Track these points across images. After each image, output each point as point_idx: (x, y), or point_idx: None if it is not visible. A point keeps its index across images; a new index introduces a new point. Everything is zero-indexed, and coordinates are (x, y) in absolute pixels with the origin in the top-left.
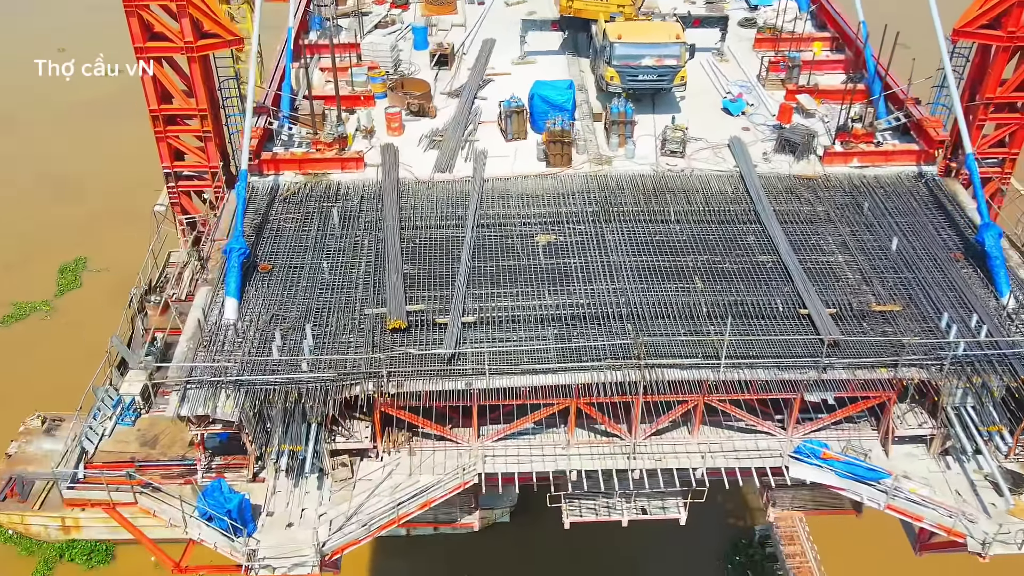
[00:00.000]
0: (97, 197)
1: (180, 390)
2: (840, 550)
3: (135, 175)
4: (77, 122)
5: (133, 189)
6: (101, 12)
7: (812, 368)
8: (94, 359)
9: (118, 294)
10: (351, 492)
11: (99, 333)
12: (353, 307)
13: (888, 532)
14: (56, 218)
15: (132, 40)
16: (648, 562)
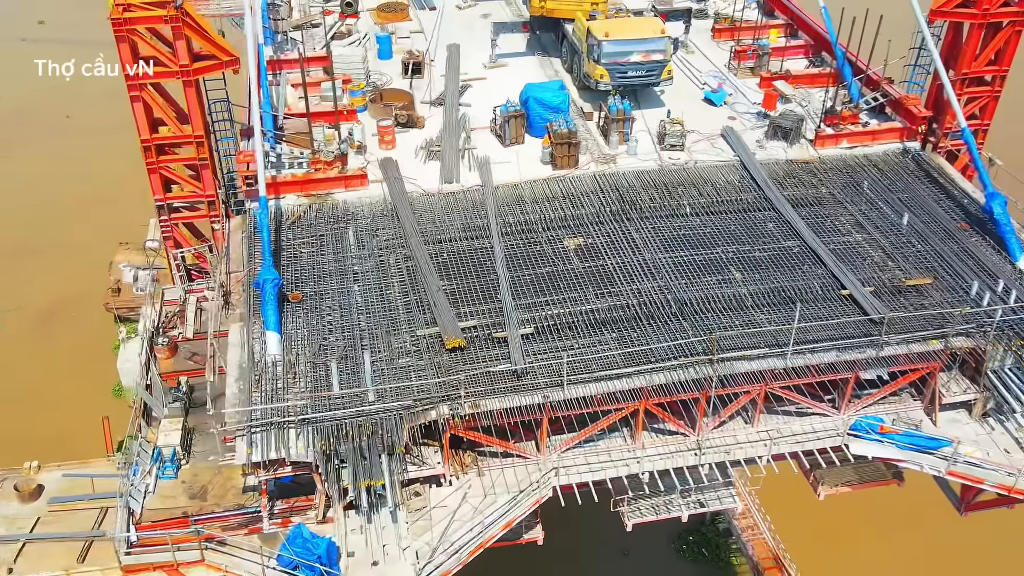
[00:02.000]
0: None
1: (246, 435)
2: (792, 520)
3: (31, 202)
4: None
5: (32, 217)
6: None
7: (871, 346)
8: (32, 402)
9: (41, 331)
10: (429, 521)
11: (32, 373)
12: (400, 330)
13: (838, 500)
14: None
15: (122, 67)
16: (599, 546)
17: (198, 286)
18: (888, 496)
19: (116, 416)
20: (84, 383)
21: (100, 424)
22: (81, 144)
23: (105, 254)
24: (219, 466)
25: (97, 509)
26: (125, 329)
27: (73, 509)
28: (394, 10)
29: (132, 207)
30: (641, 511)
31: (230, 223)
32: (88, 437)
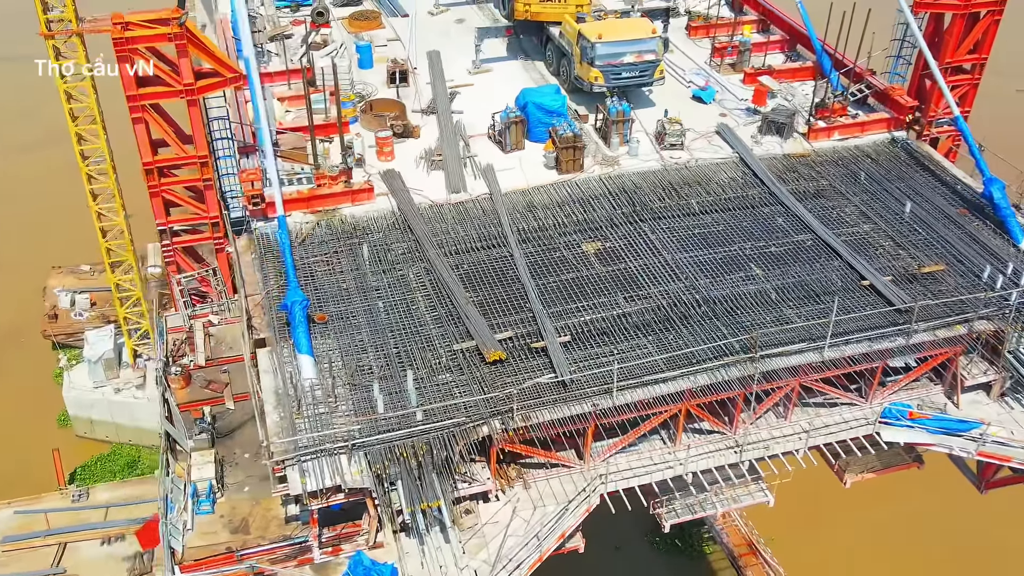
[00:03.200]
0: None
1: (296, 464)
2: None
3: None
4: None
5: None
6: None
7: (901, 335)
8: None
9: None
10: (483, 538)
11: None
12: (435, 345)
13: (806, 483)
14: None
15: (124, 88)
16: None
17: (202, 311)
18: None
19: (65, 447)
20: (25, 414)
21: (48, 456)
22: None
23: (36, 279)
24: (257, 497)
25: (55, 545)
26: (66, 356)
27: (29, 547)
28: (367, 18)
29: (62, 229)
30: (677, 511)
31: (237, 244)
32: (36, 470)
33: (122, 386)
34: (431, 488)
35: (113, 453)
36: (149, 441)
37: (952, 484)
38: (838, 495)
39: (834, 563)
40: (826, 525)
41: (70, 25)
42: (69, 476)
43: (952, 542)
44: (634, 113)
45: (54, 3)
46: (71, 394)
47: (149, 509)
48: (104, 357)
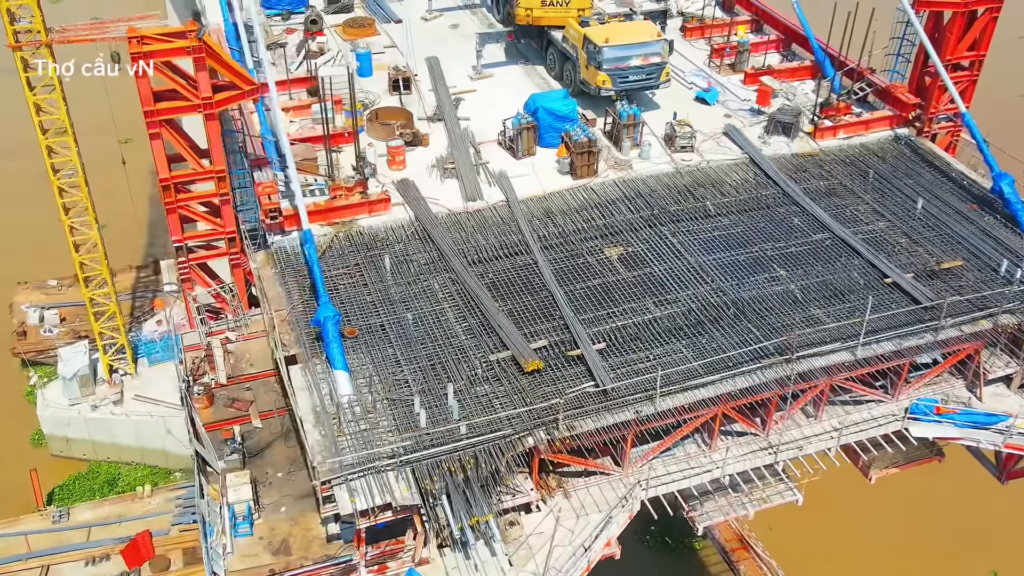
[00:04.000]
0: None
1: (343, 483)
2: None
3: None
4: None
5: None
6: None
7: (929, 331)
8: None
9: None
10: (530, 550)
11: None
12: (470, 356)
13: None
14: None
15: (142, 103)
16: None
17: (219, 327)
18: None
19: (40, 466)
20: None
21: (22, 477)
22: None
23: (2, 295)
24: (295, 517)
25: (37, 568)
26: (37, 374)
27: (10, 572)
28: (361, 25)
29: (25, 243)
30: (709, 514)
31: (257, 259)
32: (12, 492)
33: (99, 403)
34: (478, 502)
35: (91, 471)
36: (128, 458)
37: (949, 472)
38: (829, 486)
39: (826, 553)
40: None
41: (39, 36)
42: (47, 496)
43: (944, 528)
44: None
45: (21, 14)
46: (46, 412)
47: (133, 527)
48: (79, 374)
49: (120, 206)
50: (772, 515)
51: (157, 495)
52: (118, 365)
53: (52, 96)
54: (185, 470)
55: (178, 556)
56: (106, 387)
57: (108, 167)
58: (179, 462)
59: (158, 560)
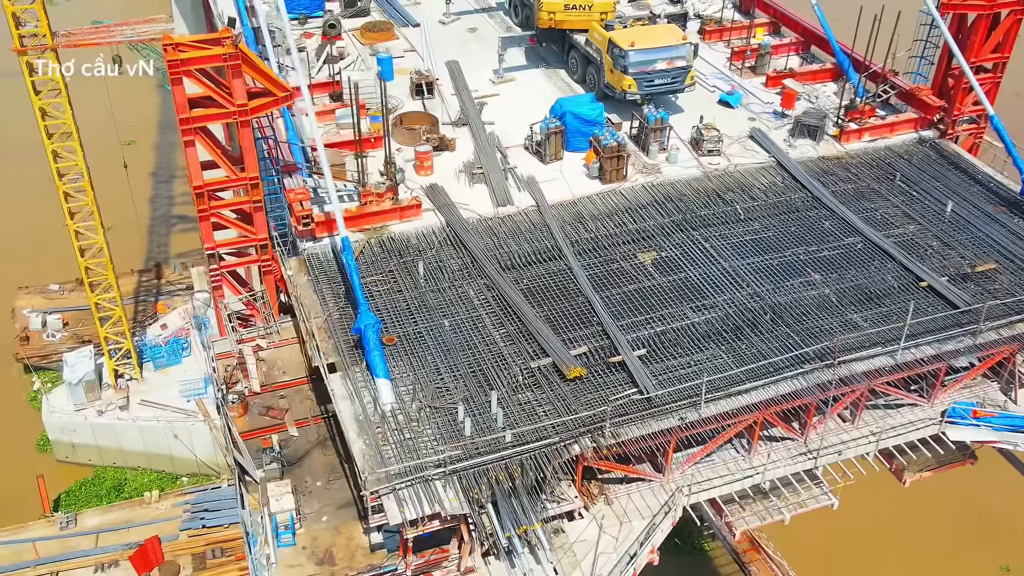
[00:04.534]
0: None
1: (391, 493)
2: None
3: None
4: None
5: None
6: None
7: (968, 335)
8: None
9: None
10: (575, 558)
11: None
12: (510, 363)
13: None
14: None
15: (177, 111)
16: None
17: (249, 335)
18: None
19: (45, 472)
20: (1, 440)
21: (27, 483)
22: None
23: (3, 300)
24: (337, 526)
25: (46, 575)
26: (40, 379)
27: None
28: (380, 29)
29: (24, 247)
30: (746, 519)
31: (291, 266)
32: (17, 498)
33: (105, 408)
34: (526, 510)
35: (97, 477)
36: (134, 463)
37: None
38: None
39: (836, 552)
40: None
41: (44, 40)
42: (53, 502)
43: (953, 523)
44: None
45: (27, 18)
46: (51, 418)
47: (141, 533)
48: (85, 379)
49: (121, 209)
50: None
51: (165, 500)
52: (124, 370)
53: (57, 100)
54: (192, 475)
55: (187, 561)
56: (112, 392)
57: (108, 169)
58: (186, 467)
59: (167, 566)
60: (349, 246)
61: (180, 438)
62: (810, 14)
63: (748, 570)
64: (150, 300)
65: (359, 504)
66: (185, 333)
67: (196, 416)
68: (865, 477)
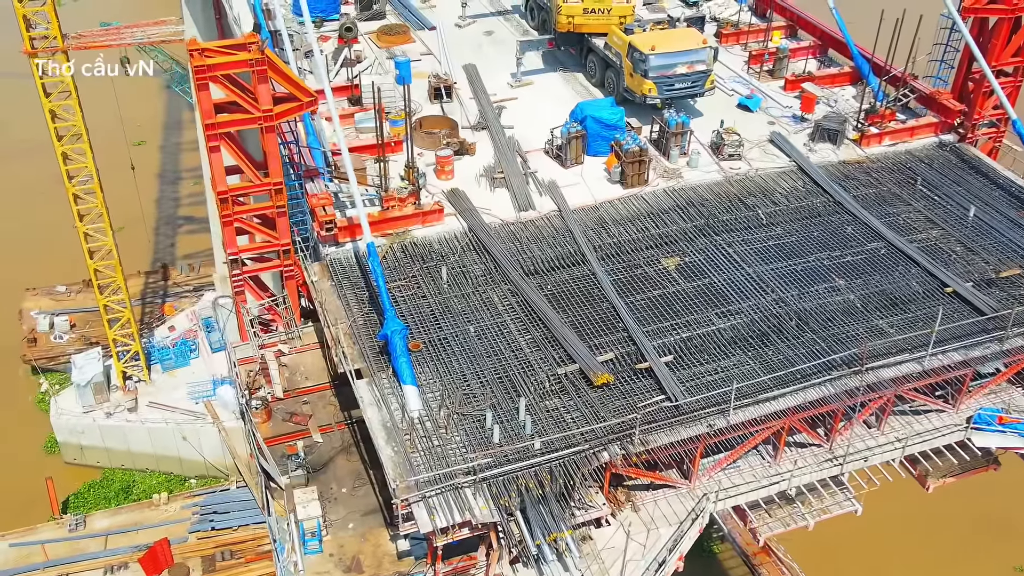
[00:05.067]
0: None
1: (422, 501)
2: None
3: None
4: None
5: None
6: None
7: (995, 341)
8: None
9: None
10: (603, 564)
11: None
12: (536, 370)
13: None
14: None
15: (202, 116)
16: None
17: (270, 340)
18: None
19: (54, 474)
20: (9, 442)
21: (36, 485)
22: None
23: (10, 302)
24: (364, 533)
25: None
26: (48, 380)
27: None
28: (396, 33)
29: (31, 248)
30: (770, 525)
31: (310, 271)
32: (25, 500)
33: (113, 410)
34: (554, 517)
35: (105, 479)
36: (143, 465)
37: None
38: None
39: (848, 554)
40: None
41: (55, 42)
42: (62, 505)
43: (966, 525)
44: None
45: (37, 20)
46: (60, 420)
47: (150, 535)
48: (93, 381)
49: (128, 210)
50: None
51: (174, 502)
52: (132, 372)
53: (68, 103)
54: (201, 477)
55: (197, 564)
56: (120, 394)
57: (114, 171)
58: (194, 469)
59: (177, 568)
60: (375, 251)
61: (189, 440)
62: (827, 17)
63: (758, 572)
64: (157, 302)
65: (385, 511)
66: (193, 335)
67: (204, 418)
68: (883, 481)
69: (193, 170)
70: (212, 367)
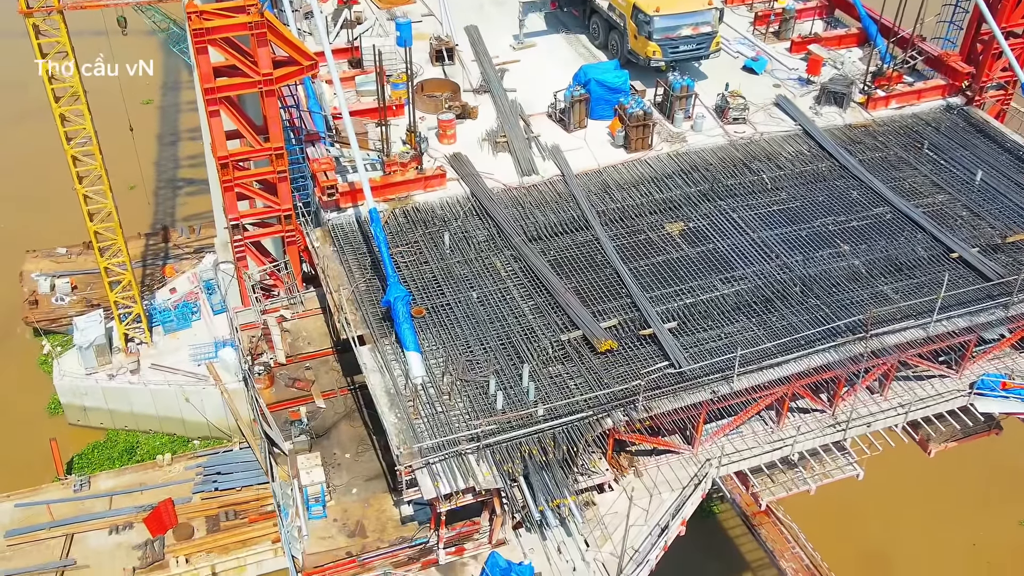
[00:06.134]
0: None
1: (423, 467)
2: None
3: None
4: None
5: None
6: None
7: (1001, 307)
8: None
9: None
10: (606, 530)
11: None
12: (539, 336)
13: None
14: None
15: (201, 80)
16: None
17: (272, 305)
18: None
19: (58, 435)
20: (12, 404)
21: (40, 446)
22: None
23: (11, 264)
24: (367, 498)
25: (61, 537)
26: (50, 343)
27: (34, 540)
28: None
29: (30, 211)
30: (772, 490)
31: (312, 237)
32: (30, 461)
33: (116, 372)
34: (559, 483)
35: (109, 440)
36: (146, 426)
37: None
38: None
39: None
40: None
41: (51, 2)
42: (66, 466)
43: (969, 482)
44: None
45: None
46: (63, 381)
47: (154, 496)
48: (95, 343)
49: (127, 172)
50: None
51: (177, 463)
52: (134, 334)
53: (65, 63)
54: (204, 438)
55: (201, 524)
56: (122, 356)
57: (114, 133)
58: (197, 430)
59: (181, 528)
60: (377, 217)
61: (191, 402)
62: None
63: (757, 532)
64: (158, 264)
65: (389, 476)
66: (194, 297)
67: (207, 380)
68: (885, 447)
69: (192, 131)
70: (214, 329)
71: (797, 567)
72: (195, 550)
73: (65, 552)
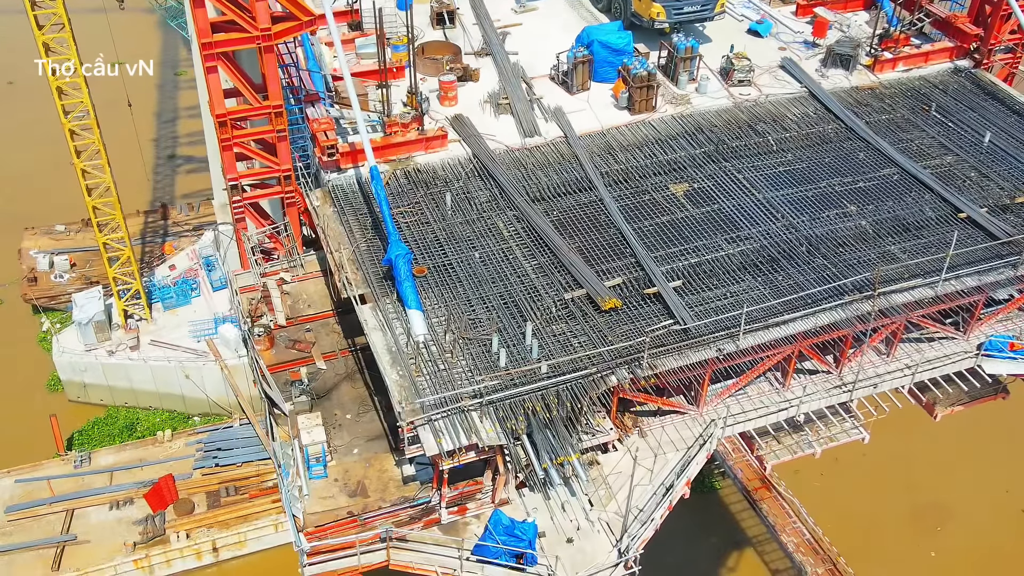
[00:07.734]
0: None
1: (427, 424)
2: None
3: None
4: None
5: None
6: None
7: (1009, 267)
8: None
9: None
10: (610, 490)
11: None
12: (542, 295)
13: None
14: None
15: (198, 35)
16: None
17: (272, 268)
18: None
19: (58, 412)
20: (12, 380)
21: (40, 422)
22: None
23: (9, 241)
24: (368, 458)
25: (62, 512)
26: (49, 320)
27: (35, 515)
28: None
29: (27, 187)
30: (777, 453)
31: (312, 197)
32: (30, 437)
33: (115, 348)
34: (563, 442)
35: (109, 416)
36: (146, 403)
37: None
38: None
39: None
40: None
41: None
42: (67, 442)
43: (956, 451)
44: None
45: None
46: (62, 358)
47: (155, 472)
48: (94, 319)
49: (126, 149)
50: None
51: (178, 439)
52: (133, 311)
53: (62, 35)
54: (204, 414)
55: (201, 499)
56: (122, 332)
57: (114, 110)
58: (197, 406)
59: (182, 503)
60: (379, 176)
61: (191, 378)
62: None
63: (758, 507)
64: (157, 241)
65: (390, 436)
66: (193, 274)
67: (207, 356)
68: (887, 410)
69: (190, 109)
70: (213, 306)
71: (798, 541)
72: (195, 525)
73: (66, 527)
